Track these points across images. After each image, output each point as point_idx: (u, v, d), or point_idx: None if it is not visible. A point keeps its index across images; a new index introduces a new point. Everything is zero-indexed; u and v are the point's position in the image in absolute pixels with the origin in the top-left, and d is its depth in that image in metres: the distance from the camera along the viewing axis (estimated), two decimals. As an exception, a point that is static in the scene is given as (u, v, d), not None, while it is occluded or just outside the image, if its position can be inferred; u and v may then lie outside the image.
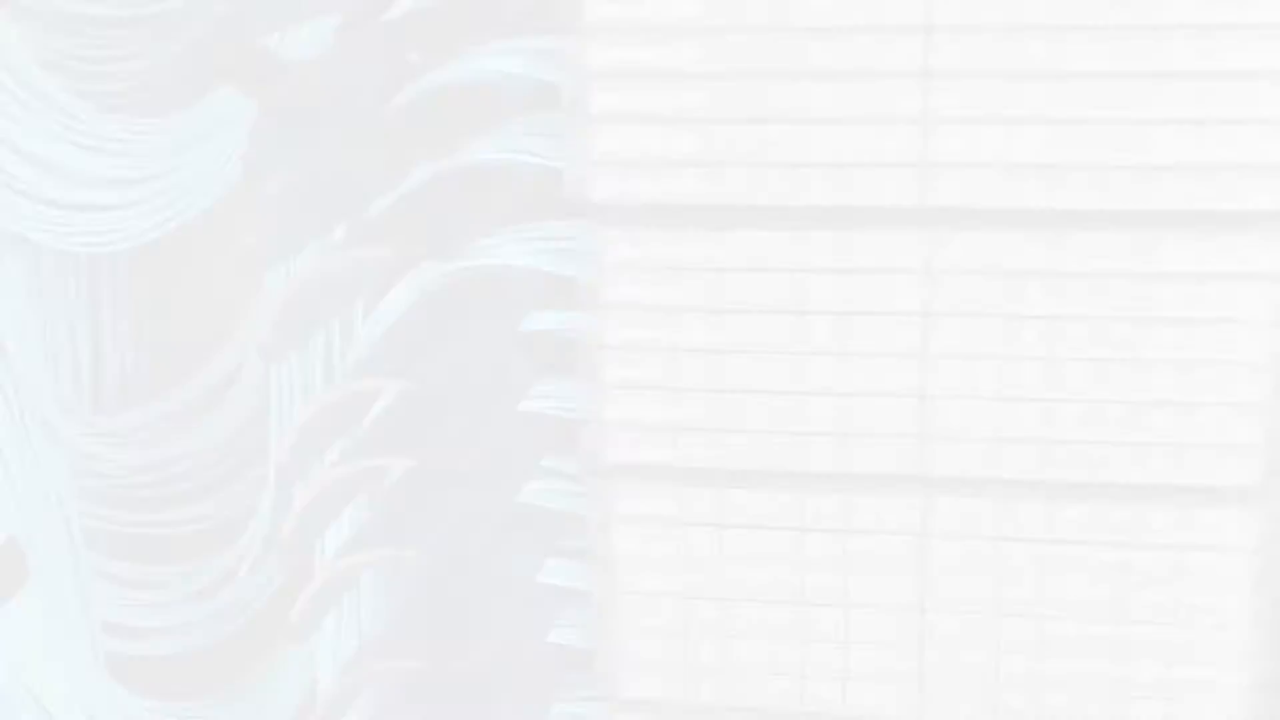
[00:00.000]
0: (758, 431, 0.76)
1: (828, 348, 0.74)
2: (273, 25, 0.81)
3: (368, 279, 0.73)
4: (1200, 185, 0.70)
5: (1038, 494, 0.75)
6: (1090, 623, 0.76)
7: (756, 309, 0.73)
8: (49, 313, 0.91)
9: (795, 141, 0.72)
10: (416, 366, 0.69)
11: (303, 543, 0.66)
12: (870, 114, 0.70)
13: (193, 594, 0.93)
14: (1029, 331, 0.72)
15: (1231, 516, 0.74)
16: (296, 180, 0.63)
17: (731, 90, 0.71)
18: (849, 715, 0.81)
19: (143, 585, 0.94)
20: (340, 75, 0.71)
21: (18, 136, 0.82)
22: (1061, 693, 0.78)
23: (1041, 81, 0.68)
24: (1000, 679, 0.79)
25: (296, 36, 0.80)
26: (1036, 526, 0.75)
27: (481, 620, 0.75)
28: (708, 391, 0.75)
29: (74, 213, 0.83)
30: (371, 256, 0.70)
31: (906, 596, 0.78)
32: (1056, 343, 0.72)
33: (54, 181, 0.82)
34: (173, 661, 0.94)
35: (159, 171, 0.81)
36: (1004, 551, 0.76)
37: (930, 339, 0.73)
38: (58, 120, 0.81)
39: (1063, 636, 0.76)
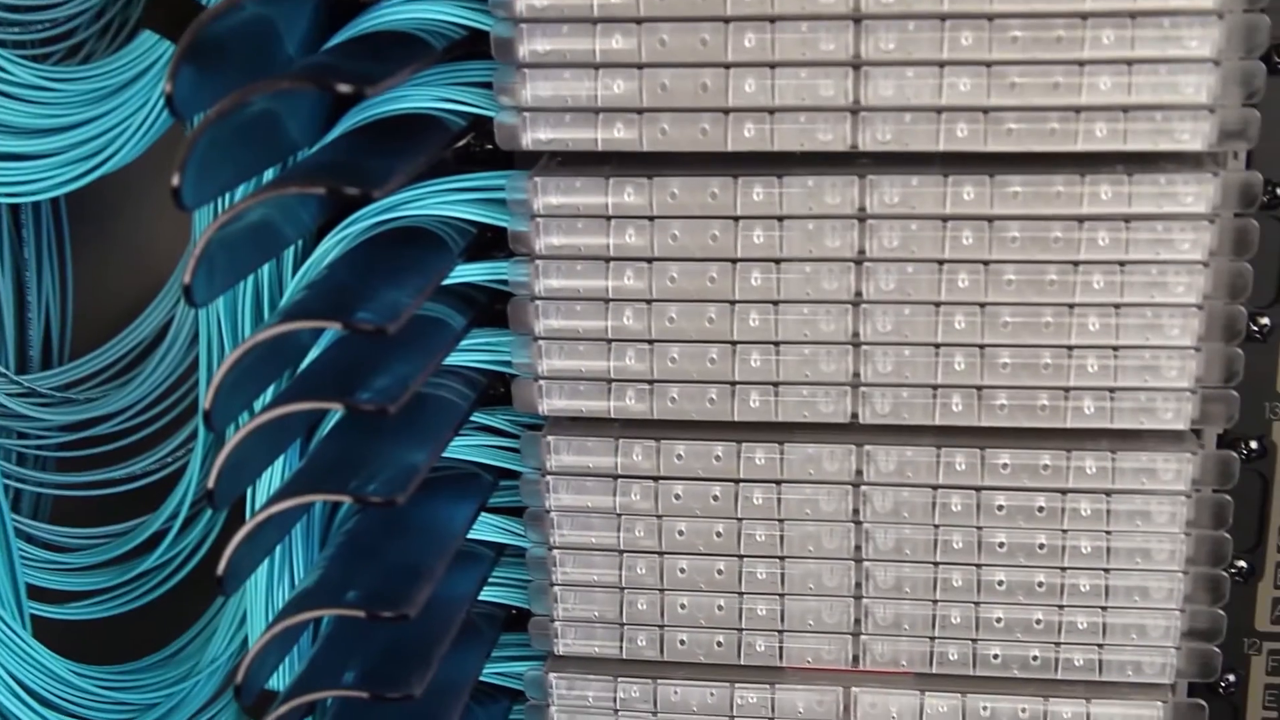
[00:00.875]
0: (692, 382, 0.75)
1: (761, 295, 0.73)
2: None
3: (296, 227, 0.73)
4: (1131, 126, 0.70)
5: (972, 440, 0.75)
6: (1026, 569, 0.76)
7: (689, 256, 0.73)
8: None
9: (727, 87, 0.72)
10: (346, 315, 0.68)
11: (231, 492, 0.65)
12: (801, 58, 0.70)
13: (121, 557, 0.92)
14: (961, 276, 0.72)
15: (1164, 460, 0.75)
16: (222, 127, 0.62)
17: (663, 35, 0.70)
18: (787, 666, 0.81)
19: (69, 549, 0.93)
20: (266, 20, 0.70)
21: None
22: (998, 640, 0.78)
23: (972, 23, 0.68)
24: (938, 627, 0.79)
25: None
26: (971, 473, 0.75)
27: (413, 577, 0.75)
28: (641, 341, 0.75)
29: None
30: (298, 203, 0.69)
31: (842, 546, 0.77)
32: (989, 287, 0.72)
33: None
34: (101, 626, 0.93)
35: (82, 120, 0.80)
36: (939, 499, 0.76)
37: (863, 285, 0.72)
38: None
39: (999, 583, 0.76)
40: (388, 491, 0.66)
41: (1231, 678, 0.83)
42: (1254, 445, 0.79)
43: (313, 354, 0.74)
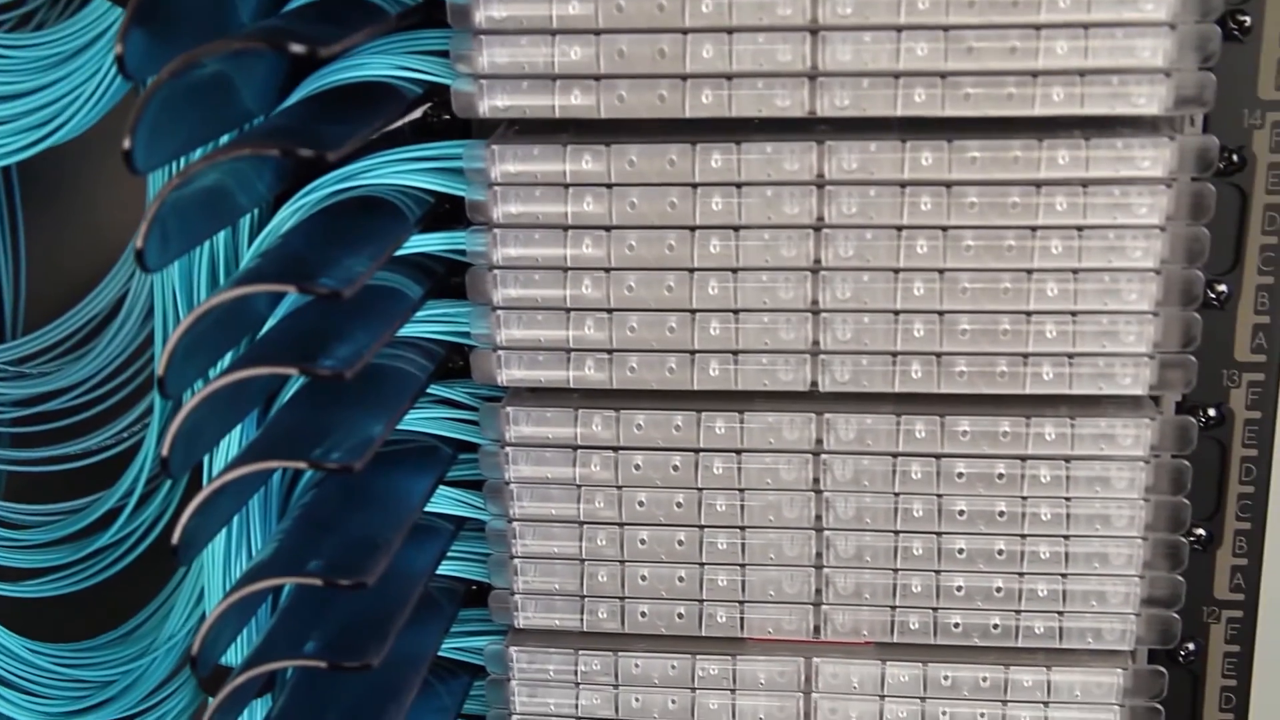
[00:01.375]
0: (652, 350, 0.75)
1: (720, 263, 0.73)
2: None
3: (251, 194, 0.72)
4: (1088, 91, 0.70)
5: (932, 407, 0.75)
6: (986, 536, 0.75)
7: (648, 224, 0.72)
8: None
9: (684, 53, 0.71)
10: (302, 280, 0.67)
11: (187, 460, 0.64)
12: (758, 23, 0.70)
13: (76, 534, 0.91)
14: (920, 242, 0.72)
15: (1123, 426, 0.75)
16: (174, 89, 0.61)
17: (619, 1, 0.70)
18: (748, 637, 0.81)
19: (23, 526, 0.92)
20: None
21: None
22: (959, 608, 0.78)
23: (929, -12, 0.68)
24: (899, 596, 0.78)
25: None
26: (931, 440, 0.75)
27: (370, 547, 0.74)
28: (600, 310, 0.74)
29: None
30: (253, 169, 0.69)
31: (803, 515, 0.77)
32: (948, 253, 0.72)
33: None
34: (57, 603, 0.92)
35: (33, 87, 0.79)
36: (899, 466, 0.75)
37: (822, 252, 0.72)
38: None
39: (959, 551, 0.76)
40: (345, 459, 0.65)
41: (1191, 646, 0.83)
42: (1212, 413, 0.79)
43: (270, 323, 0.74)
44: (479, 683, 0.85)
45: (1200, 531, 0.81)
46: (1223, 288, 0.77)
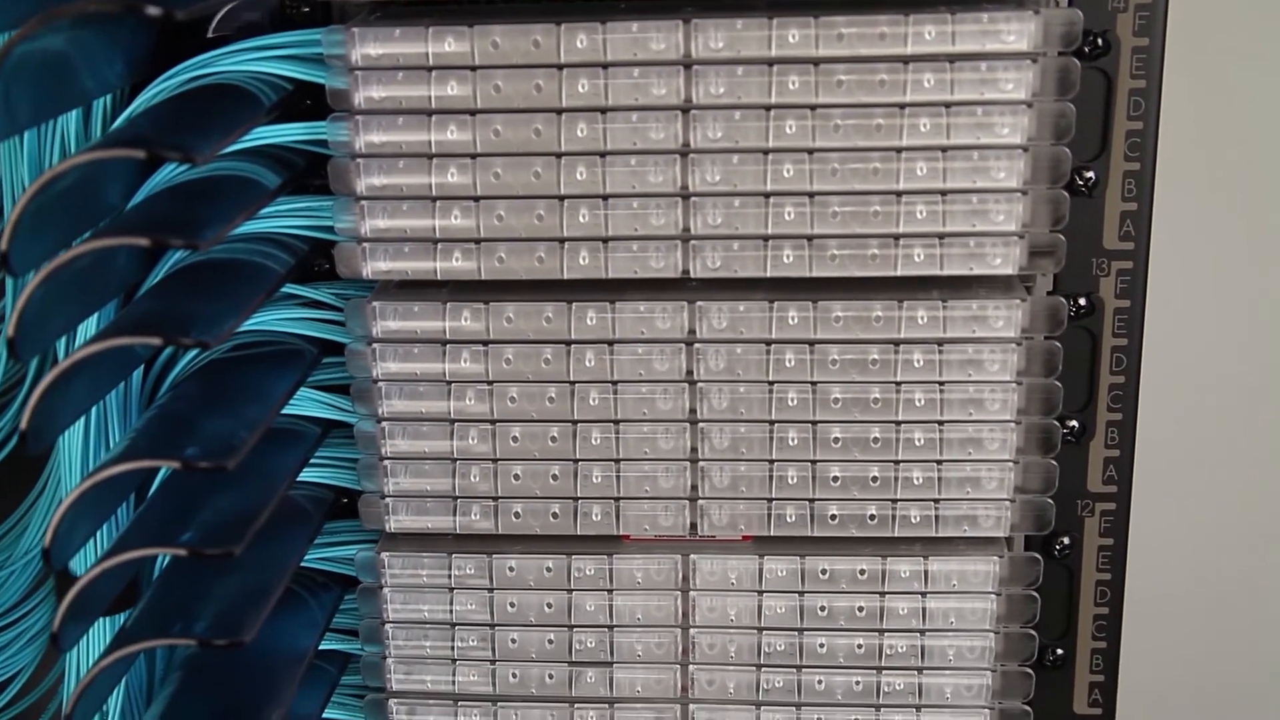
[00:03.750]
0: (520, 239, 0.73)
1: (587, 147, 0.71)
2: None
3: (99, 78, 0.69)
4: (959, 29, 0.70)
5: (804, 293, 0.74)
6: (861, 424, 0.75)
7: (513, 107, 0.71)
8: None
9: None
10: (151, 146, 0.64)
11: (35, 342, 0.61)
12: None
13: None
14: (789, 122, 0.71)
15: (994, 307, 0.74)
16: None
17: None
18: (624, 536, 0.80)
19: None
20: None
21: None
22: (835, 498, 0.77)
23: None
24: (775, 487, 0.78)
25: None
26: (804, 326, 0.74)
27: (231, 436, 0.71)
28: (466, 198, 0.72)
29: None
30: (101, 51, 0.66)
31: (677, 407, 0.76)
32: (816, 133, 0.71)
33: None
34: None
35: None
36: (773, 354, 0.74)
37: (690, 134, 0.71)
38: None
39: (835, 440, 0.75)
40: (201, 337, 0.63)
41: (1066, 540, 0.83)
42: (1082, 302, 0.80)
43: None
44: (351, 596, 0.82)
45: (1073, 423, 0.81)
46: (1090, 174, 0.77)
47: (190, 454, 0.65)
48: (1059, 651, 0.85)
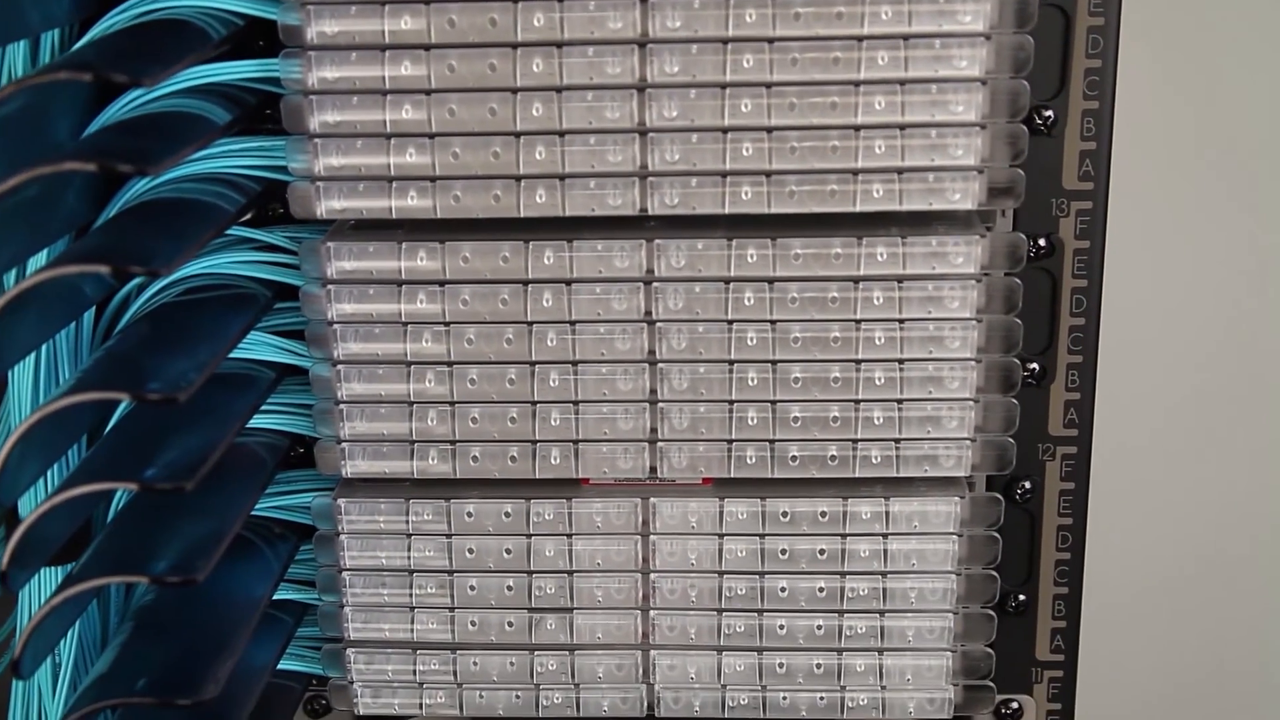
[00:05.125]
0: (475, 177, 0.72)
1: (542, 82, 0.71)
2: None
3: (44, 11, 0.68)
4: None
5: (763, 230, 0.73)
6: (821, 363, 0.74)
7: (468, 41, 0.70)
8: None
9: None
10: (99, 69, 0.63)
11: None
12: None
13: None
14: (746, 57, 0.70)
15: (954, 243, 0.74)
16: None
17: None
18: (583, 479, 0.79)
19: None
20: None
21: None
22: (796, 439, 0.76)
23: None
24: (734, 428, 0.77)
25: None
26: (763, 264, 0.73)
27: (182, 375, 0.70)
28: (422, 135, 0.71)
29: None
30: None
31: (635, 348, 0.75)
32: (774, 66, 0.70)
33: None
34: None
35: None
36: (732, 293, 0.74)
37: (647, 68, 0.70)
38: None
39: (795, 379, 0.75)
40: (150, 265, 0.62)
41: (1027, 485, 0.83)
42: (1042, 243, 0.79)
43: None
44: (308, 546, 0.81)
45: (1033, 366, 0.81)
46: (1049, 113, 0.77)
47: (141, 388, 0.64)
48: (1021, 598, 0.85)
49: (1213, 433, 1.11)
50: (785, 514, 0.79)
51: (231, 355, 0.78)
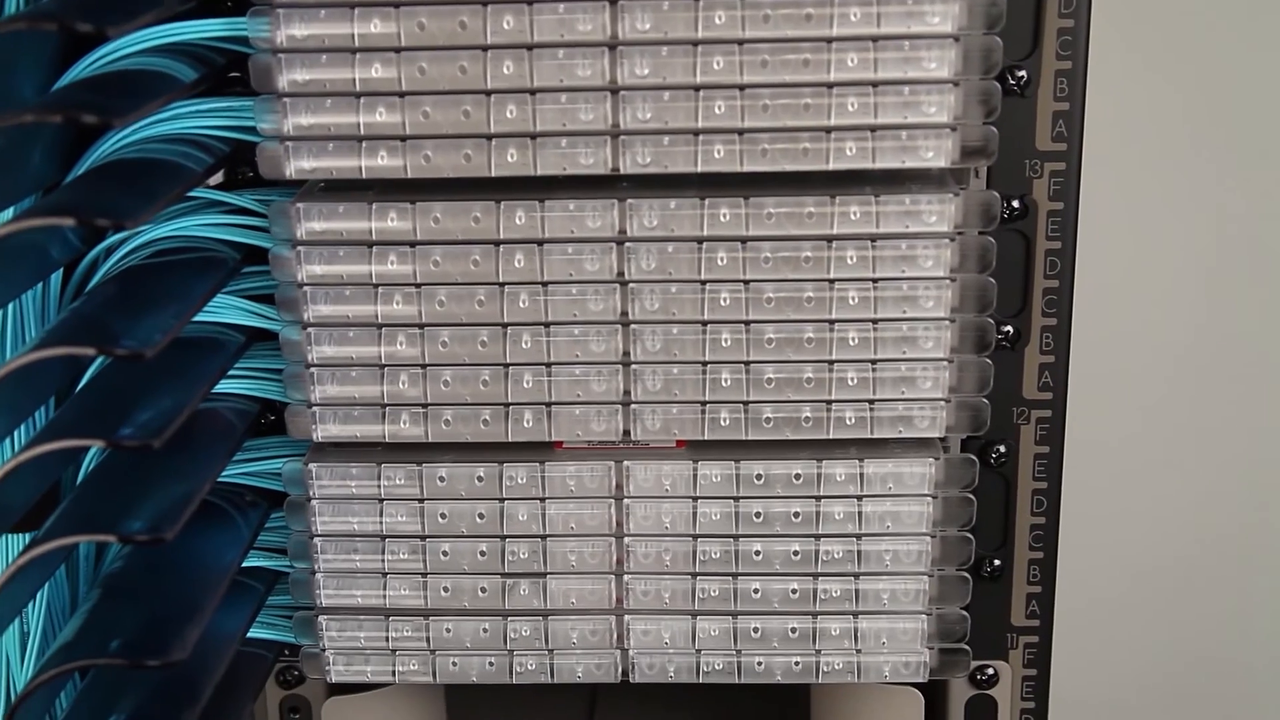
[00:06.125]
0: (446, 136, 0.71)
1: (513, 39, 0.70)
2: None
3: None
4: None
5: (736, 189, 0.73)
6: (795, 323, 0.74)
7: (440, 1, 0.69)
8: None
9: None
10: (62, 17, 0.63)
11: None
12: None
13: None
14: (719, 13, 0.70)
15: (927, 202, 0.73)
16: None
17: None
18: (556, 443, 0.79)
19: None
20: None
21: None
22: (770, 400, 0.76)
23: None
24: (708, 390, 0.76)
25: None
26: (736, 223, 0.73)
27: (151, 332, 0.70)
28: (392, 94, 0.71)
29: None
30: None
31: (608, 308, 0.75)
32: (746, 23, 0.69)
33: None
34: None
35: None
36: (705, 253, 0.73)
37: (619, 26, 0.69)
38: None
39: (768, 340, 0.74)
40: (117, 217, 0.61)
41: (1002, 449, 0.83)
42: (1016, 205, 0.79)
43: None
44: (279, 514, 0.80)
45: (1007, 328, 0.81)
46: (1022, 73, 0.77)
47: (108, 344, 0.63)
48: (996, 563, 0.85)
49: (1187, 396, 1.11)
50: (759, 476, 0.78)
51: (201, 319, 0.77)
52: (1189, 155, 1.03)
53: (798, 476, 0.78)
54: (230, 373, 0.78)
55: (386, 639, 0.81)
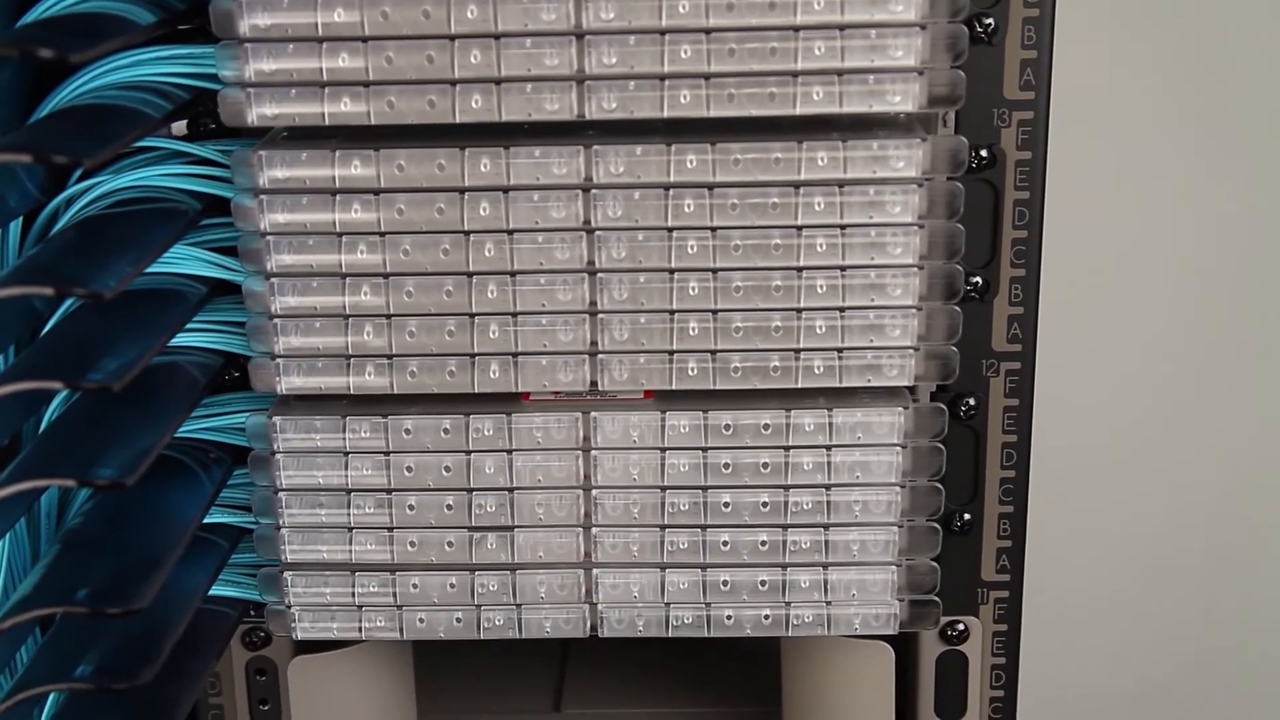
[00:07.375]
0: (410, 82, 0.70)
1: (478, -15, 0.70)
2: None
3: None
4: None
5: (702, 135, 0.72)
6: (763, 271, 0.73)
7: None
8: None
9: None
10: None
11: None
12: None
13: None
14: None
15: (895, 147, 0.73)
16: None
17: None
18: (523, 394, 0.78)
19: None
20: None
21: None
22: (738, 349, 0.75)
23: None
24: (676, 339, 0.76)
25: None
26: (703, 170, 0.72)
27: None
28: (355, 39, 0.70)
29: None
30: None
31: (575, 257, 0.74)
32: (713, -30, 0.70)
33: None
34: None
35: None
36: (672, 200, 0.73)
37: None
38: None
39: (736, 289, 0.74)
40: (74, 154, 0.60)
41: (971, 401, 0.83)
42: (984, 154, 0.79)
43: None
44: (244, 470, 0.80)
45: (976, 279, 0.80)
46: (989, 20, 0.77)
47: (64, 286, 0.62)
48: (966, 517, 0.84)
49: (1157, 347, 1.11)
50: (728, 426, 0.78)
51: (162, 270, 0.76)
52: (1158, 105, 1.03)
53: (766, 426, 0.77)
54: (193, 327, 0.77)
55: (353, 594, 0.80)
